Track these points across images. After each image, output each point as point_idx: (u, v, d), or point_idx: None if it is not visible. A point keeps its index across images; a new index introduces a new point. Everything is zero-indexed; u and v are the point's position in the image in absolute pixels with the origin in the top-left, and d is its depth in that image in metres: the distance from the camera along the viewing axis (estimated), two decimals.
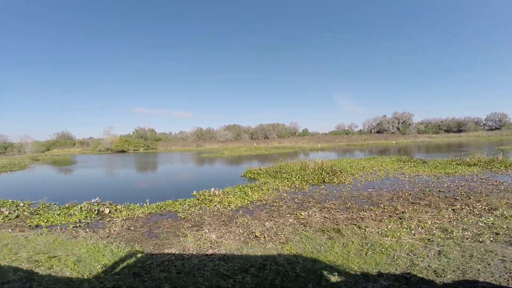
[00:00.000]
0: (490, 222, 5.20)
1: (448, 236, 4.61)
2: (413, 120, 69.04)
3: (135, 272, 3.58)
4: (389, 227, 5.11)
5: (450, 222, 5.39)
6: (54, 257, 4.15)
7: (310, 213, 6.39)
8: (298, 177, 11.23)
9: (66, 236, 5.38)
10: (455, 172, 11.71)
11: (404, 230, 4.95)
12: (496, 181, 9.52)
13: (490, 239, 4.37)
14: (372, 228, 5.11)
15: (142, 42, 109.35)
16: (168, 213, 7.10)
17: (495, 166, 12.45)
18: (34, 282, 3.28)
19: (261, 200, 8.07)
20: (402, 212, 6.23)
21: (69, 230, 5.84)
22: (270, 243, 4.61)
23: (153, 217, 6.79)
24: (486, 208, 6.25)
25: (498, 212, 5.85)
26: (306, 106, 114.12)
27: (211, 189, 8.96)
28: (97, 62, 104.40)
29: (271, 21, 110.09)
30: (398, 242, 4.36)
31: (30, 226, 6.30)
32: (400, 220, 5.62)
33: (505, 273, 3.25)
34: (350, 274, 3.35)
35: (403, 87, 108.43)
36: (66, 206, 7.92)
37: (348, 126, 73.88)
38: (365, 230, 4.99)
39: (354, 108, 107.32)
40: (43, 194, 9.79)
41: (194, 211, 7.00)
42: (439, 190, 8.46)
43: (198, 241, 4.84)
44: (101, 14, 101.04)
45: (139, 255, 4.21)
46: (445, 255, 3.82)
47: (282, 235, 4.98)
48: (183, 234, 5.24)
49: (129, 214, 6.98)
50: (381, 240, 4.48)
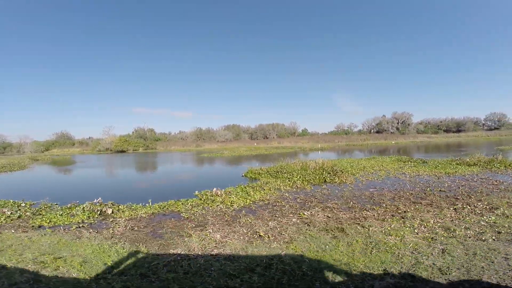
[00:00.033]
0: (492, 221, 5.25)
1: (451, 235, 4.65)
2: (412, 120, 69.29)
3: (142, 272, 3.58)
4: (392, 226, 5.15)
5: (452, 221, 5.43)
6: (59, 258, 4.14)
7: (313, 212, 6.42)
8: (299, 177, 11.25)
9: (70, 236, 5.36)
10: (455, 172, 11.78)
11: (407, 229, 4.99)
12: (496, 180, 9.59)
13: (493, 238, 4.42)
14: (375, 227, 5.14)
15: (142, 42, 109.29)
16: (171, 213, 7.11)
17: (495, 166, 12.53)
18: (41, 284, 3.26)
19: (263, 200, 8.09)
20: (404, 211, 6.27)
21: (72, 230, 5.83)
22: (275, 243, 4.63)
23: (156, 217, 6.79)
24: (487, 207, 6.29)
25: (499, 211, 5.90)
26: (306, 106, 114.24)
27: (213, 189, 8.97)
28: (97, 62, 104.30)
29: (271, 21, 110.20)
30: (402, 241, 4.40)
31: (33, 226, 6.28)
32: (402, 219, 5.66)
33: (508, 270, 3.29)
34: (356, 272, 3.38)
35: (403, 87, 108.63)
36: (68, 207, 7.90)
37: (347, 126, 74.02)
38: (368, 229, 5.02)
39: (354, 108, 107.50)
40: (44, 194, 9.78)
41: (197, 211, 7.01)
42: (440, 190, 8.51)
43: (202, 241, 4.85)
44: (101, 14, 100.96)
45: (145, 256, 4.21)
46: (449, 253, 3.86)
47: (286, 235, 5.00)
48: (187, 234, 5.25)
49: (131, 214, 6.97)
50: (385, 239, 4.51)
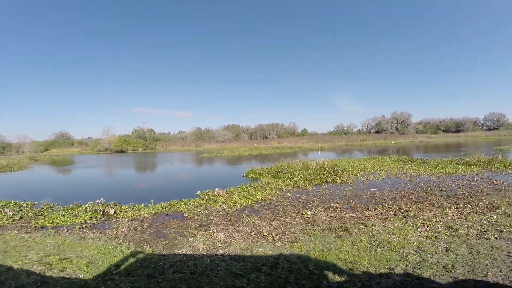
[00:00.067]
0: (493, 220, 5.29)
1: (453, 233, 4.69)
2: (411, 120, 69.52)
3: (149, 273, 3.58)
4: (395, 226, 5.18)
5: (454, 220, 5.48)
6: (65, 259, 4.13)
7: (315, 212, 6.45)
8: (301, 177, 11.28)
9: (74, 237, 5.36)
10: (456, 171, 11.85)
11: (410, 228, 5.03)
12: (496, 180, 9.65)
13: (495, 236, 4.46)
14: (378, 226, 5.18)
15: (142, 42, 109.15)
16: (173, 213, 7.12)
17: (495, 166, 12.60)
18: (49, 285, 3.25)
19: (265, 200, 8.12)
20: (407, 211, 6.31)
21: (75, 231, 5.82)
22: (279, 242, 4.65)
23: (159, 217, 6.80)
24: (489, 206, 6.34)
25: (500, 210, 5.94)
26: (306, 106, 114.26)
27: (215, 189, 8.99)
28: (97, 62, 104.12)
29: (271, 21, 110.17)
30: (405, 240, 4.44)
31: (35, 227, 6.26)
32: (405, 218, 5.70)
33: None
34: (362, 270, 3.41)
35: (403, 87, 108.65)
36: (70, 207, 7.88)
37: (347, 126, 74.14)
38: (372, 229, 5.05)
39: (354, 108, 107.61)
40: (45, 194, 9.74)
41: (199, 211, 7.03)
42: (441, 190, 8.57)
43: (207, 241, 4.87)
44: (101, 14, 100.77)
45: (150, 256, 4.21)
46: (452, 252, 3.90)
47: (290, 234, 5.03)
48: (192, 234, 5.26)
49: (134, 215, 6.97)
50: (389, 238, 4.55)
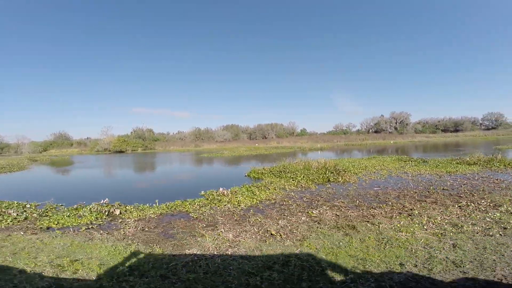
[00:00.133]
0: (497, 218, 5.38)
1: (459, 230, 4.77)
2: (410, 120, 70.01)
3: (162, 274, 3.58)
4: (401, 223, 5.26)
5: (458, 218, 5.56)
6: (76, 260, 4.10)
7: (321, 211, 6.50)
8: (303, 176, 11.35)
9: (82, 238, 5.34)
10: (456, 171, 11.97)
11: (416, 225, 5.11)
12: (497, 179, 9.77)
13: (500, 233, 4.54)
14: (385, 224, 5.25)
15: (142, 42, 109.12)
16: (179, 213, 7.14)
17: (495, 165, 12.74)
18: None
19: (269, 199, 8.16)
20: (411, 209, 6.39)
21: (82, 232, 5.80)
22: (288, 241, 4.70)
23: (164, 217, 6.82)
24: (491, 204, 6.44)
25: (503, 208, 6.04)
26: (305, 106, 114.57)
27: (220, 188, 9.02)
28: (96, 62, 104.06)
29: (271, 21, 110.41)
30: (413, 237, 4.51)
31: (41, 228, 6.23)
32: (410, 216, 5.77)
33: None
34: (373, 266, 3.47)
35: (403, 87, 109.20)
36: (75, 207, 7.85)
37: (346, 126, 74.53)
38: (378, 227, 5.12)
39: (354, 108, 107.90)
40: (46, 195, 9.71)
41: (205, 211, 7.06)
42: (443, 188, 8.67)
43: (216, 240, 4.90)
44: (101, 14, 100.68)
45: (161, 257, 4.21)
46: (460, 248, 3.98)
47: (298, 233, 5.08)
48: (200, 234, 5.29)
49: (140, 215, 6.98)
50: (396, 235, 4.62)
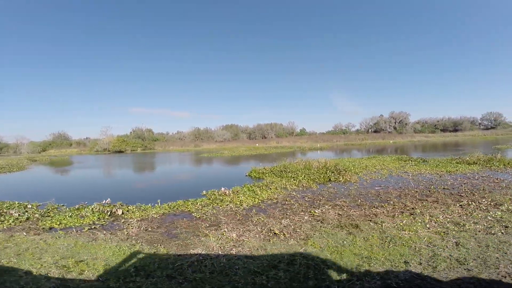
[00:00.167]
0: (498, 216, 5.43)
1: (461, 229, 4.81)
2: (409, 119, 70.23)
3: (168, 274, 3.57)
4: (404, 222, 5.29)
5: (460, 216, 5.60)
6: (81, 261, 4.08)
7: (323, 210, 6.54)
8: (304, 176, 11.37)
9: (85, 238, 5.32)
10: (456, 170, 12.04)
11: (419, 224, 5.15)
12: (497, 178, 9.84)
13: (501, 232, 4.59)
14: (387, 223, 5.28)
15: (142, 42, 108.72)
16: (181, 213, 7.14)
17: (494, 165, 12.83)
18: None
19: (271, 199, 8.19)
20: (413, 208, 6.43)
21: (85, 232, 5.77)
22: (292, 240, 4.73)
23: (167, 217, 6.82)
24: (492, 203, 6.49)
25: (504, 207, 6.09)
26: (305, 106, 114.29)
27: (221, 188, 9.04)
28: (96, 62, 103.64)
29: (271, 21, 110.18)
30: (416, 235, 4.55)
31: (43, 228, 6.19)
32: (412, 215, 5.81)
33: None
34: (378, 264, 3.50)
35: (403, 87, 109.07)
36: (77, 208, 7.82)
37: (345, 125, 74.60)
38: (381, 225, 5.16)
39: (354, 108, 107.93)
40: (47, 195, 9.68)
41: (208, 211, 7.06)
42: (444, 188, 8.72)
43: (219, 240, 4.91)
44: (101, 14, 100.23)
45: (166, 257, 4.20)
46: (463, 246, 4.02)
47: (302, 232, 5.10)
48: (203, 234, 5.30)
49: (142, 215, 6.97)
50: (399, 234, 4.65)
